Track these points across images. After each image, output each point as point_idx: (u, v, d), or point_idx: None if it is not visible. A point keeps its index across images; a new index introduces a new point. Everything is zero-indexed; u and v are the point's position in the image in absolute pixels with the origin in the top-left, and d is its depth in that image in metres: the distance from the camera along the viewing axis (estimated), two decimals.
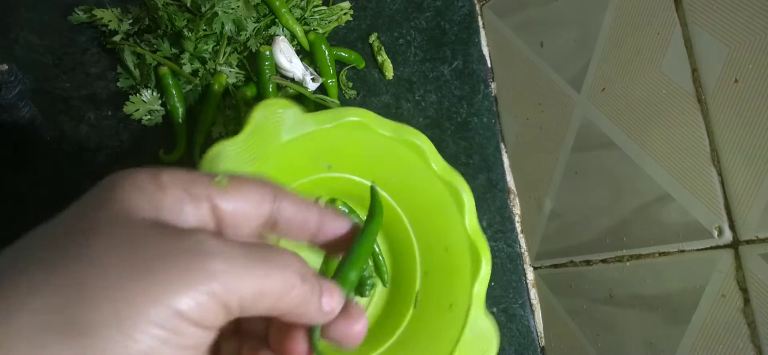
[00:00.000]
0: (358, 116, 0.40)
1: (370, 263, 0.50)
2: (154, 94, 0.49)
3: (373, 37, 0.59)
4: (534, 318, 0.60)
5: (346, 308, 0.22)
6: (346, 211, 0.49)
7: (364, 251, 0.25)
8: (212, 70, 0.50)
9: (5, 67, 0.43)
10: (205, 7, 0.47)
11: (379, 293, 0.51)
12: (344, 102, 0.57)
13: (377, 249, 0.50)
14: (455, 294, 0.44)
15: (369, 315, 0.50)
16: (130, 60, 0.48)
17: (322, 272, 0.26)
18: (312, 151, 0.42)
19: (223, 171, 0.36)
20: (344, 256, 0.25)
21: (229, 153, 0.36)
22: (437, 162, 0.43)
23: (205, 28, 0.48)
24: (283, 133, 0.38)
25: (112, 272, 0.16)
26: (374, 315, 0.50)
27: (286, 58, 0.51)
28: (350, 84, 0.57)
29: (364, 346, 0.46)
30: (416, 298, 0.47)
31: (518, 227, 0.62)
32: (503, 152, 0.64)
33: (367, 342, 0.47)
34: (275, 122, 0.38)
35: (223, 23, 0.48)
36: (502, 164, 0.62)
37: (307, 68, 0.53)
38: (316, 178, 0.45)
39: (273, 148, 0.38)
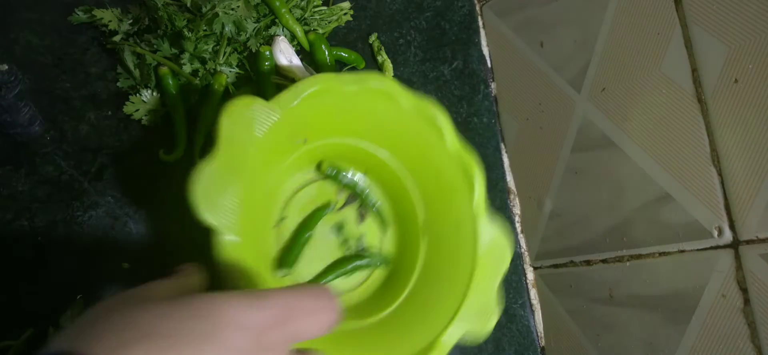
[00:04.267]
0: (318, 85, 0.40)
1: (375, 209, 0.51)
2: (154, 94, 0.49)
3: (373, 37, 0.59)
4: (534, 318, 0.60)
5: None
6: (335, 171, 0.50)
7: None
8: (212, 70, 0.50)
9: (5, 67, 0.43)
10: (205, 7, 0.47)
11: (389, 237, 0.51)
12: None
13: (372, 202, 0.50)
14: (458, 214, 0.45)
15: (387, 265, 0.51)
16: (130, 60, 0.48)
17: None
18: (286, 133, 0.41)
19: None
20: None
21: (210, 175, 0.35)
22: (406, 99, 0.43)
23: (205, 28, 0.48)
24: (255, 130, 0.38)
25: None
26: (391, 261, 0.51)
27: (286, 58, 0.51)
28: None
29: (394, 291, 0.47)
30: (421, 226, 0.48)
31: (518, 227, 0.62)
32: (503, 152, 0.64)
33: (394, 285, 0.48)
34: (245, 124, 0.37)
35: (223, 24, 0.48)
36: (502, 164, 0.62)
37: (307, 68, 0.53)
38: (296, 156, 0.45)
39: (250, 150, 0.37)
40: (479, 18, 0.66)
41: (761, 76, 0.39)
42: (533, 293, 0.61)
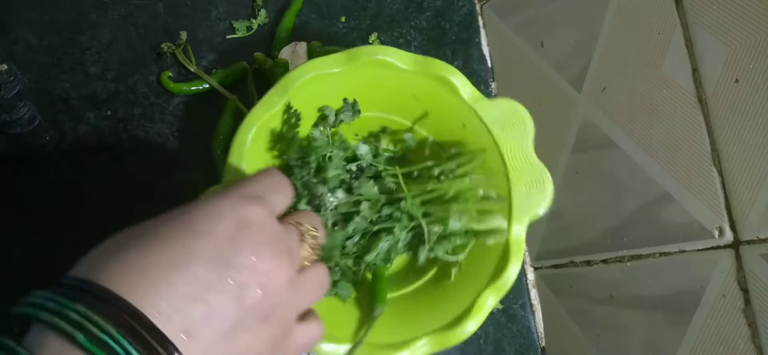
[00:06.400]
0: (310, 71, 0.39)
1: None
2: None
3: (373, 37, 0.59)
4: (534, 318, 0.60)
5: None
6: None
7: None
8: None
9: (5, 67, 0.43)
10: None
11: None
12: None
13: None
14: (456, 109, 0.43)
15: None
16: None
17: None
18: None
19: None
20: None
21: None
22: (408, 62, 0.42)
23: None
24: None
25: None
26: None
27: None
28: None
29: None
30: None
31: None
32: None
33: None
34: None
35: None
36: None
37: None
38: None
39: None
40: (479, 18, 0.66)
41: (762, 76, 0.39)
42: (534, 294, 0.61)
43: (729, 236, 0.41)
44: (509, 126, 0.42)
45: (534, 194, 0.41)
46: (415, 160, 0.45)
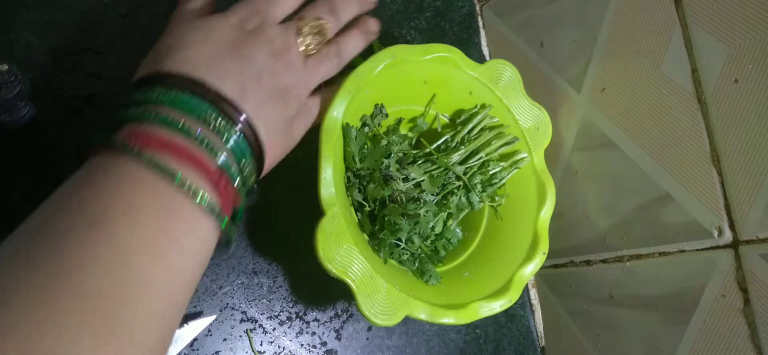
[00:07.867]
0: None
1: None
2: None
3: None
4: (534, 318, 0.60)
5: None
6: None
7: None
8: None
9: (5, 67, 0.43)
10: None
11: None
12: None
13: None
14: (499, 113, 0.51)
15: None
16: None
17: None
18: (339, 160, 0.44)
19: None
20: None
21: (324, 240, 0.37)
22: (417, 53, 0.46)
23: None
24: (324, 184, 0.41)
25: None
26: None
27: None
28: None
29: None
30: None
31: None
32: None
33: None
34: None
35: None
36: None
37: None
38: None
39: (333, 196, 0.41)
40: (479, 18, 0.66)
41: (761, 76, 0.39)
42: (533, 293, 0.61)
43: (728, 236, 0.42)
44: (504, 80, 0.50)
45: (541, 127, 0.51)
46: (432, 138, 0.50)
